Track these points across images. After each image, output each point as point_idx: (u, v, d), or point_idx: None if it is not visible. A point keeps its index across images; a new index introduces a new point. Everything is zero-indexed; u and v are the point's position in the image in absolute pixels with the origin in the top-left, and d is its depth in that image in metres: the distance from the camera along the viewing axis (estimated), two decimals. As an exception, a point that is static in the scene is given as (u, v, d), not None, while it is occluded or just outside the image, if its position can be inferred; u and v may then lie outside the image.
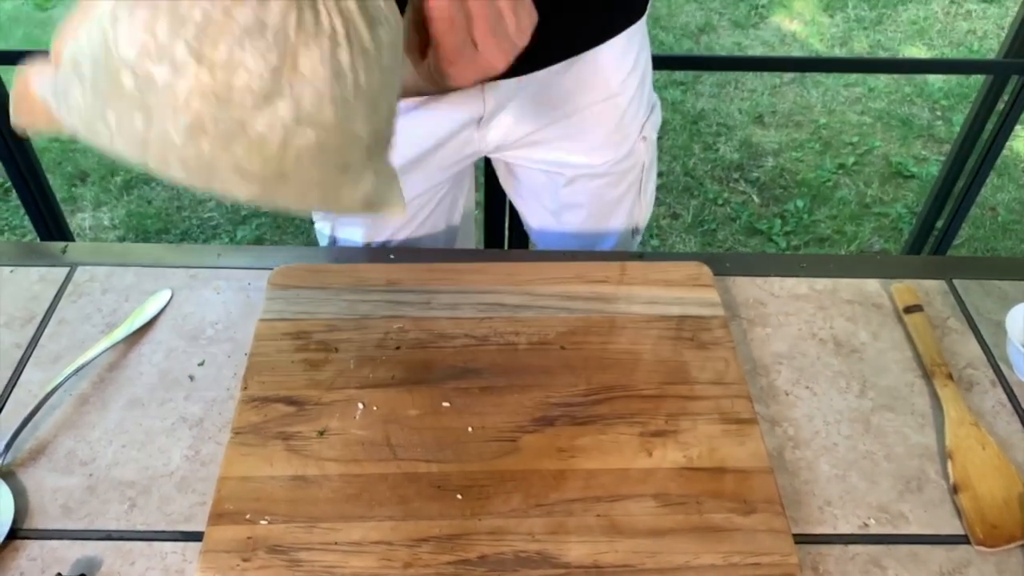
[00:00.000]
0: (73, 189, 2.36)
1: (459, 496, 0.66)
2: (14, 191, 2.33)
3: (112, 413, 0.74)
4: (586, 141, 0.94)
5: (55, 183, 2.22)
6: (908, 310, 0.84)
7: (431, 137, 0.89)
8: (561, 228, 1.03)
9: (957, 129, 1.73)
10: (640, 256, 0.90)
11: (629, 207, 1.02)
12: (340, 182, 0.48)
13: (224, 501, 0.65)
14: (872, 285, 0.89)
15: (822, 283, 0.89)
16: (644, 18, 0.92)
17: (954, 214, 1.80)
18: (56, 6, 3.20)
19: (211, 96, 0.41)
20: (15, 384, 0.76)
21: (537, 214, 1.05)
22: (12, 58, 2.11)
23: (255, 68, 0.40)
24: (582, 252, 0.92)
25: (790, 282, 0.89)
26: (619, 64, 0.90)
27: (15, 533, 0.65)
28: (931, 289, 0.88)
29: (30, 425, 0.71)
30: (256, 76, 0.41)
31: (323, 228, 1.01)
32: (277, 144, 0.43)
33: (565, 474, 0.68)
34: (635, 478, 0.68)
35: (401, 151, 0.90)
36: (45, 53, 0.48)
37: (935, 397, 0.77)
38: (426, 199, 0.97)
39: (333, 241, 1.01)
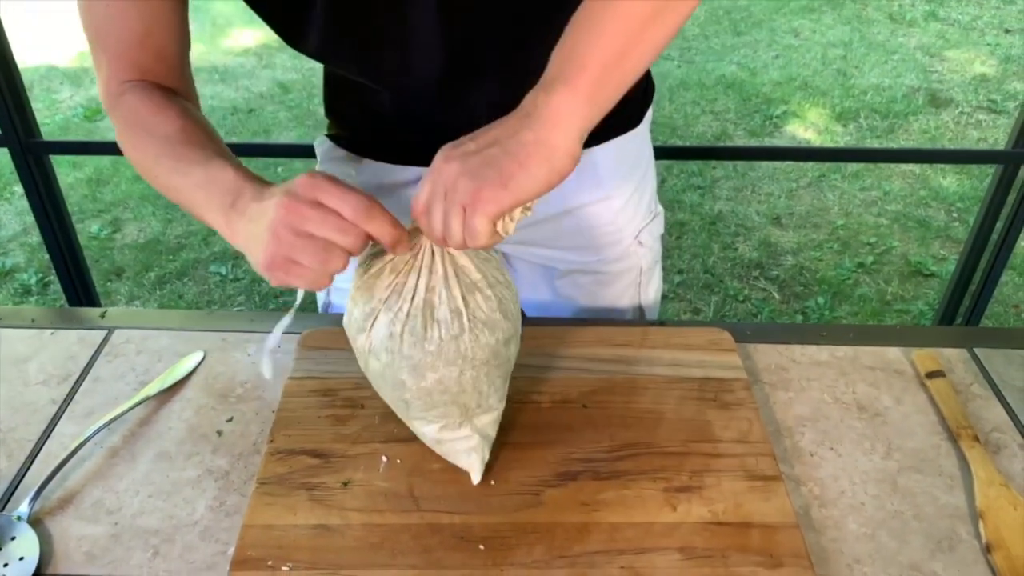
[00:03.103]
0: (108, 284, 2.43)
1: (481, 547, 0.66)
2: (50, 287, 2.41)
3: (140, 465, 0.75)
4: (577, 239, 0.95)
5: (93, 278, 2.29)
6: (930, 375, 0.85)
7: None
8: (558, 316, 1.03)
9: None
10: (661, 323, 0.91)
11: (628, 305, 1.02)
12: (408, 413, 0.70)
13: (247, 548, 0.65)
14: (893, 353, 0.89)
15: (843, 350, 0.89)
16: (644, 127, 0.95)
17: (972, 308, 1.80)
18: (104, 119, 3.38)
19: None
20: (48, 437, 0.78)
21: (533, 301, 1.05)
22: (62, 148, 2.21)
23: (361, 309, 0.65)
24: (603, 319, 0.94)
25: (811, 349, 0.89)
26: (615, 168, 0.92)
27: (39, 577, 0.65)
28: (952, 357, 0.89)
29: (59, 475, 0.73)
30: (360, 314, 0.66)
31: (319, 295, 1.03)
32: (363, 362, 0.68)
33: (588, 527, 0.67)
34: (659, 532, 0.67)
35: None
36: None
37: (962, 459, 0.76)
38: None
39: (327, 306, 1.03)
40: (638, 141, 0.94)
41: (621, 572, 0.64)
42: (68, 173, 2.92)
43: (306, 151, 1.37)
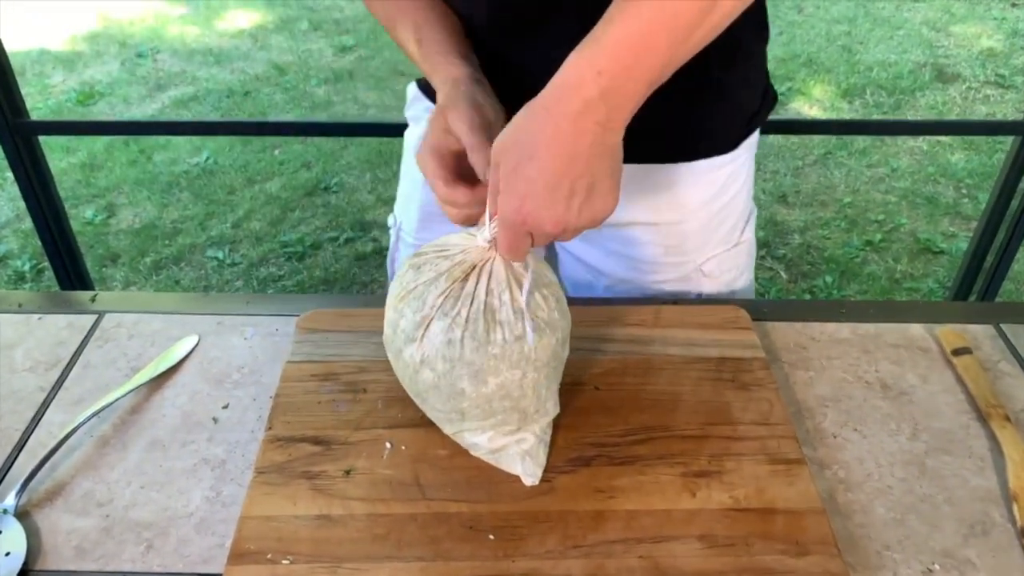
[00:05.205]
0: (104, 270, 2.39)
1: (491, 537, 0.63)
2: (44, 273, 2.38)
3: (132, 455, 0.71)
4: (633, 255, 0.89)
5: (87, 264, 2.25)
6: (957, 352, 0.81)
7: None
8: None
9: (984, 206, 1.72)
10: (674, 301, 0.88)
11: None
12: (461, 425, 0.66)
13: (245, 540, 0.62)
14: (916, 329, 0.86)
15: (864, 327, 0.86)
16: (744, 152, 0.87)
17: (987, 286, 1.77)
18: (97, 102, 3.33)
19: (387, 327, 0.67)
20: (36, 426, 0.74)
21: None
22: (50, 128, 2.16)
23: (410, 319, 0.63)
24: (615, 298, 0.90)
25: (831, 327, 0.86)
26: (693, 191, 0.85)
27: (26, 574, 0.61)
28: (978, 334, 0.85)
29: (47, 466, 0.69)
30: (409, 324, 0.63)
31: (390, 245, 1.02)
32: (409, 375, 0.65)
33: (604, 515, 0.64)
34: (679, 519, 0.64)
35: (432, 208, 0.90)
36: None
37: (993, 439, 0.73)
38: None
39: (393, 261, 1.02)
40: (734, 166, 0.86)
41: (639, 562, 0.61)
42: (61, 158, 2.88)
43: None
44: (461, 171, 0.68)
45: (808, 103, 3.22)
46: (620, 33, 0.55)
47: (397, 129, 1.07)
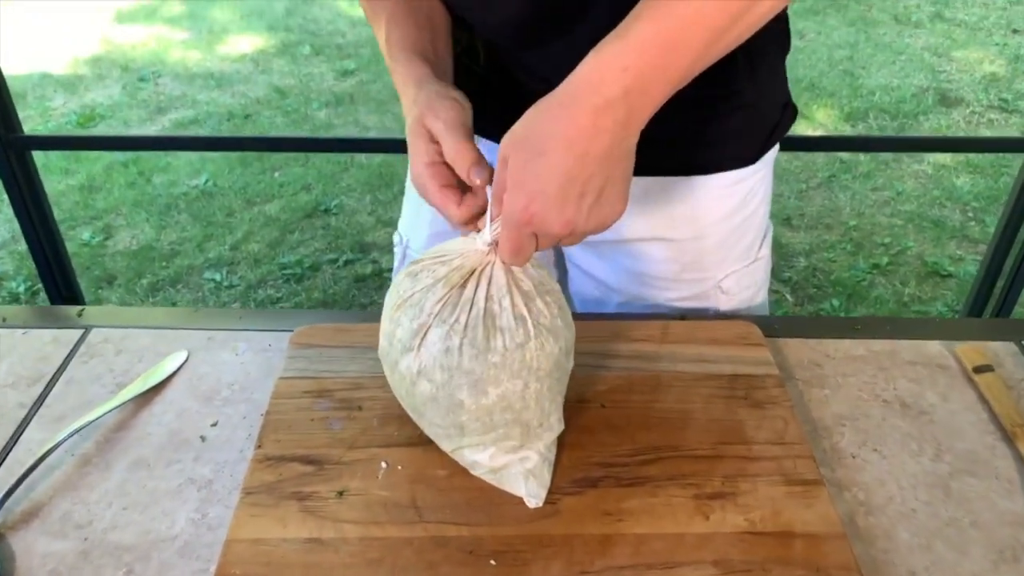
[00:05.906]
0: (99, 292, 2.36)
1: (493, 562, 0.59)
2: (39, 295, 2.35)
3: (115, 474, 0.68)
4: (648, 271, 0.86)
5: (83, 286, 2.22)
6: (978, 370, 0.78)
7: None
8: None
9: (991, 230, 1.68)
10: (682, 317, 0.85)
11: None
12: (461, 441, 0.63)
13: (230, 565, 0.58)
14: (934, 347, 0.82)
15: (879, 344, 0.82)
16: (764, 167, 0.84)
17: (999, 308, 1.74)
18: (98, 125, 3.33)
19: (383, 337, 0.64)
20: (15, 444, 0.71)
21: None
22: (44, 143, 2.13)
23: (407, 328, 0.61)
24: (619, 313, 0.87)
25: (846, 343, 0.82)
26: (713, 205, 0.82)
27: (-3, 600, 0.58)
28: (999, 351, 0.82)
29: (24, 486, 0.66)
30: (406, 333, 0.60)
31: (396, 252, 0.98)
32: (405, 388, 0.62)
33: (612, 539, 0.61)
34: (692, 543, 0.60)
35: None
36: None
37: (1020, 460, 0.69)
38: None
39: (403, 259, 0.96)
40: (754, 180, 0.84)
41: (650, 589, 0.57)
42: (60, 180, 2.86)
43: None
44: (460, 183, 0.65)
45: (812, 127, 3.21)
46: (650, 30, 0.53)
47: (400, 146, 1.04)
